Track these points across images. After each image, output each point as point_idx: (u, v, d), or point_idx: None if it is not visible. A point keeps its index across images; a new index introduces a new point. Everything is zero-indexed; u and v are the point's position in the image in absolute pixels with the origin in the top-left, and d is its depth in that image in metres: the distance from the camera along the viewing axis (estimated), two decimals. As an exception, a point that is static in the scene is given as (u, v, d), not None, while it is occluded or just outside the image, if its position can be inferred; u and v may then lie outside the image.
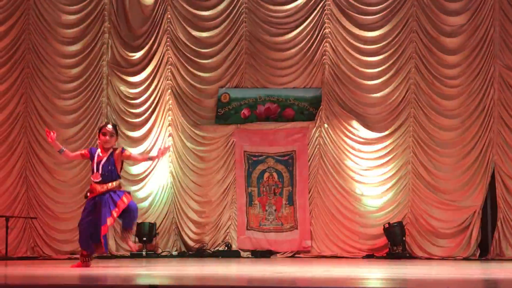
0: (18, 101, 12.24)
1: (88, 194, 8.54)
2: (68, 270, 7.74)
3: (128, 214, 8.43)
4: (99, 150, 8.47)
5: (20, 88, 12.27)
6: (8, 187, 12.06)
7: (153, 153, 8.56)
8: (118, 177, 8.51)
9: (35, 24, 12.35)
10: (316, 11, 12.65)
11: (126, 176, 12.78)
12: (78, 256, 11.97)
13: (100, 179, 8.34)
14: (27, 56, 12.32)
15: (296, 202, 12.52)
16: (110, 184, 8.39)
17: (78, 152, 8.81)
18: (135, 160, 8.92)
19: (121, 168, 8.58)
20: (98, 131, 8.60)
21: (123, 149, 8.57)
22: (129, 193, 8.59)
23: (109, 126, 8.48)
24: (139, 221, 12.41)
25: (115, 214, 8.31)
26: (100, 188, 8.37)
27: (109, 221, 8.32)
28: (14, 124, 12.18)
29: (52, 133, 8.45)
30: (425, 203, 12.00)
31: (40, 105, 12.36)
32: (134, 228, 8.69)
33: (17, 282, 5.78)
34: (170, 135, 13.01)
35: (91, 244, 8.42)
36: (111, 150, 8.43)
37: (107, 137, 8.38)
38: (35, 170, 12.27)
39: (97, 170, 8.37)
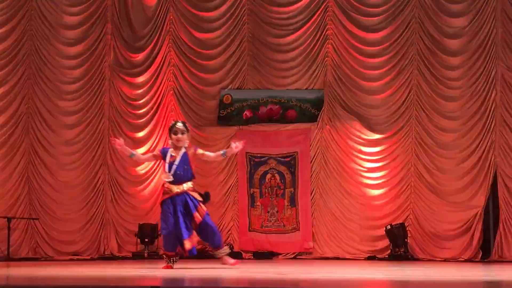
0: (20, 102, 12.25)
1: (163, 195, 8.15)
2: (70, 271, 7.74)
3: (208, 231, 8.16)
4: (171, 150, 8.15)
5: (22, 89, 12.27)
6: (10, 188, 12.06)
7: (223, 149, 8.22)
8: (192, 176, 8.22)
9: (37, 25, 12.35)
10: (318, 13, 12.65)
11: (128, 176, 12.80)
12: (79, 257, 12.03)
13: (172, 179, 8.03)
14: (29, 57, 12.32)
15: (298, 203, 12.52)
16: (185, 184, 8.12)
17: (149, 154, 8.62)
18: (208, 159, 8.65)
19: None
20: (168, 131, 8.27)
21: (196, 148, 8.29)
22: (203, 203, 8.23)
23: (179, 124, 8.20)
24: (141, 222, 12.43)
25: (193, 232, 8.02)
26: (176, 189, 8.07)
27: (189, 242, 8.01)
28: (16, 125, 12.19)
29: (119, 139, 8.27)
30: (427, 204, 11.99)
31: (42, 106, 12.37)
32: (221, 241, 8.34)
33: (19, 283, 5.78)
34: (172, 136, 13.01)
35: (178, 246, 8.11)
36: (183, 149, 8.15)
37: (179, 135, 8.12)
38: (37, 171, 12.28)
39: (169, 170, 8.05)
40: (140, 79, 12.99)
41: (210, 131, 12.93)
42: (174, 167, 8.05)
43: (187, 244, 8.02)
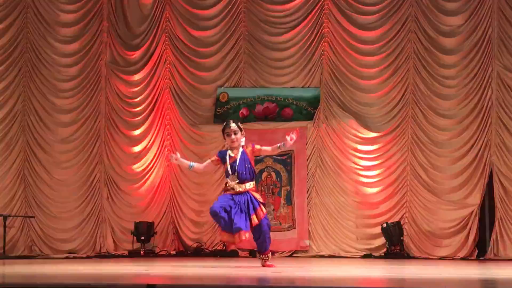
0: (16, 100, 12.23)
1: (225, 192, 8.08)
2: (67, 269, 7.73)
3: (260, 236, 7.99)
4: (229, 152, 8.07)
5: (18, 87, 12.25)
6: (6, 186, 12.04)
7: (280, 143, 8.12)
8: (254, 176, 8.12)
9: (33, 22, 12.33)
10: (314, 11, 12.65)
11: (124, 174, 12.80)
12: (76, 255, 12.02)
13: (238, 180, 7.95)
14: (25, 55, 12.30)
15: (294, 201, 12.52)
16: (248, 184, 8.00)
17: (207, 161, 8.31)
18: (266, 154, 8.65)
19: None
20: (222, 132, 8.16)
21: (253, 145, 8.16)
22: (264, 204, 8.07)
23: (232, 125, 8.04)
24: (137, 220, 12.43)
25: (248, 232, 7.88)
26: (238, 188, 7.98)
27: (243, 235, 7.82)
28: (12, 123, 12.17)
29: (175, 154, 8.20)
30: (423, 203, 12.01)
31: (38, 104, 12.35)
32: (268, 247, 8.12)
33: (15, 281, 5.78)
34: (168, 134, 13.02)
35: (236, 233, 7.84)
36: (241, 148, 8.06)
37: (232, 136, 8.02)
38: (33, 169, 12.26)
39: (233, 172, 7.97)
40: (136, 77, 12.98)
41: (207, 129, 12.92)
42: (235, 167, 7.98)
43: (243, 236, 7.83)
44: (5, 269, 8.22)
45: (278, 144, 8.19)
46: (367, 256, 11.92)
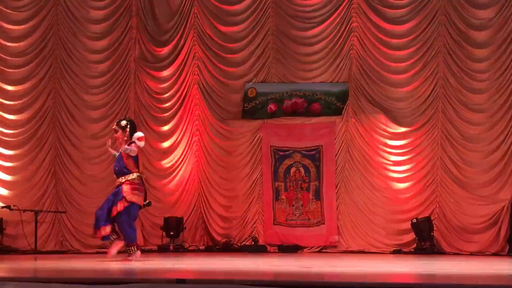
0: (47, 97, 12.35)
1: None
2: (97, 264, 7.79)
3: (119, 227, 9.05)
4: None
5: (49, 83, 12.37)
6: (37, 181, 12.17)
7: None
8: (128, 171, 9.12)
9: (63, 19, 12.44)
10: (343, 5, 12.58)
11: (153, 170, 12.85)
12: (106, 250, 12.09)
13: (115, 175, 9.26)
14: (56, 51, 12.41)
15: (323, 197, 12.49)
16: (121, 178, 9.09)
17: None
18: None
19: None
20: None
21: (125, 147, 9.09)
22: (126, 199, 9.00)
23: (115, 124, 9.20)
24: (166, 215, 12.49)
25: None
26: (117, 182, 9.16)
27: (103, 230, 9.00)
28: (43, 119, 12.29)
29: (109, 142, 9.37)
30: (453, 198, 11.91)
31: (68, 100, 12.46)
32: (129, 241, 9.03)
33: (46, 275, 5.84)
34: (197, 130, 13.06)
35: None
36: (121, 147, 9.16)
37: (114, 134, 9.17)
38: (63, 165, 12.37)
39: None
40: (165, 73, 13.03)
41: (235, 125, 12.94)
42: (115, 162, 9.14)
43: (101, 231, 8.95)
44: (36, 264, 8.31)
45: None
46: (397, 251, 11.85)
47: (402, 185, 12.23)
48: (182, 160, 12.95)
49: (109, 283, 4.82)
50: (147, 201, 9.15)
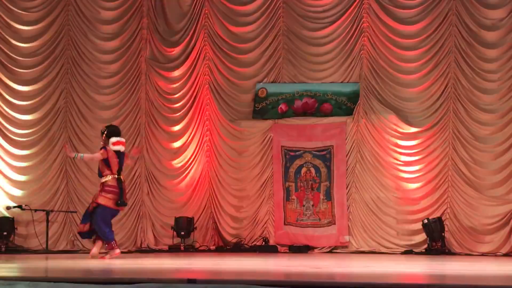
0: (58, 97, 12.40)
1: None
2: (108, 264, 7.81)
3: (91, 222, 9.85)
4: None
5: (60, 83, 12.42)
6: (49, 181, 12.22)
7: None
8: (101, 173, 9.97)
9: (74, 20, 12.48)
10: (354, 5, 12.56)
11: (164, 170, 12.87)
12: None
13: None
14: (67, 52, 12.46)
15: (333, 197, 12.48)
16: (101, 179, 10.03)
17: None
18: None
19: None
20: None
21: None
22: (102, 197, 9.87)
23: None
24: (177, 215, 12.51)
25: None
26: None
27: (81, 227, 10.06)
28: (54, 119, 12.35)
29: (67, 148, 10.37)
30: (464, 198, 11.88)
31: (79, 100, 12.50)
32: (105, 239, 9.77)
33: (57, 275, 5.86)
34: (207, 130, 13.07)
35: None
36: None
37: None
38: (75, 165, 12.41)
39: None
40: (176, 73, 13.05)
41: (246, 125, 12.94)
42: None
43: (79, 228, 10.00)
44: (48, 263, 8.35)
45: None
46: (408, 252, 11.83)
47: (413, 186, 12.20)
48: (192, 160, 12.97)
49: (120, 282, 4.83)
50: (120, 201, 9.74)
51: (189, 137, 13.00)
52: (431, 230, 11.63)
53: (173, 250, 12.19)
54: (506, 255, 11.36)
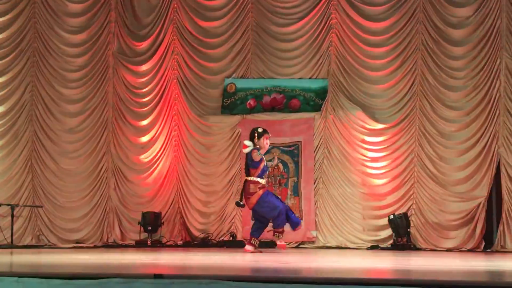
0: (24, 90, 12.25)
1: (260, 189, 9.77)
2: (74, 259, 7.76)
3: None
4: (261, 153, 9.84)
5: (26, 77, 12.28)
6: (14, 175, 12.08)
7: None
8: None
9: (41, 12, 12.34)
10: (322, 2, 12.62)
11: (131, 165, 12.82)
12: (83, 244, 12.07)
13: (267, 178, 10.35)
14: (33, 45, 12.32)
15: (301, 192, 12.52)
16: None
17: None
18: None
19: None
20: (257, 134, 9.82)
21: None
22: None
23: (269, 133, 9.90)
24: (144, 210, 12.46)
25: None
26: (266, 185, 9.98)
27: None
28: (20, 113, 12.20)
29: None
30: (430, 194, 12.00)
31: (46, 93, 12.38)
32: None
33: (22, 270, 5.80)
34: (175, 125, 13.04)
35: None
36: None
37: (268, 140, 9.87)
38: (40, 159, 12.29)
39: (266, 170, 9.97)
40: (144, 67, 12.99)
41: (214, 120, 12.93)
42: (267, 167, 10.03)
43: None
44: (12, 258, 8.26)
45: None
46: (374, 247, 11.92)
47: (379, 181, 12.29)
48: (160, 155, 12.92)
49: (86, 278, 4.80)
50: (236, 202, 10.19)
51: (157, 131, 12.95)
52: (397, 226, 11.73)
53: (140, 245, 12.14)
54: (471, 250, 11.50)
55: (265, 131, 9.81)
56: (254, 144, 9.77)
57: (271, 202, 9.70)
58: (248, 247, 9.84)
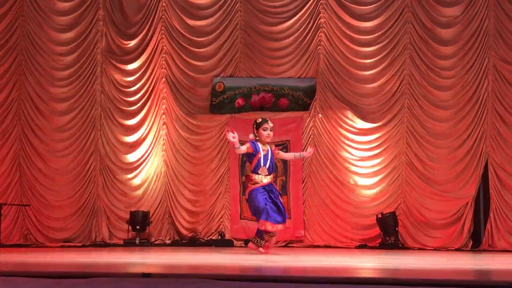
0: (12, 88, 12.21)
1: (253, 185, 8.98)
2: (62, 258, 7.73)
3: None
4: (260, 145, 8.97)
5: (14, 75, 12.23)
6: (1, 174, 12.04)
7: (298, 152, 9.91)
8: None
9: (29, 11, 12.30)
10: (311, 1, 12.63)
11: (119, 164, 12.80)
12: (71, 243, 12.03)
13: (267, 172, 8.94)
14: (21, 43, 12.27)
15: (289, 191, 12.53)
16: (272, 176, 9.02)
17: (245, 146, 8.94)
18: (283, 158, 9.98)
19: None
20: (256, 126, 9.06)
21: (274, 146, 9.24)
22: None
23: (270, 123, 9.07)
24: (132, 209, 12.44)
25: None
26: (265, 180, 8.95)
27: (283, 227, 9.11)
28: (7, 111, 12.16)
29: (233, 132, 8.76)
30: (418, 193, 12.03)
31: (33, 92, 12.33)
32: None
33: (9, 269, 5.78)
34: (164, 124, 13.01)
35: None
36: (268, 145, 9.05)
37: (269, 132, 9.02)
38: (28, 158, 12.25)
39: (264, 164, 8.93)
40: (132, 66, 12.96)
41: (202, 119, 12.92)
42: (267, 160, 8.95)
43: (276, 227, 8.90)
44: (0, 257, 8.22)
45: (295, 154, 9.66)
46: (362, 246, 11.94)
47: (367, 181, 12.32)
48: (148, 154, 12.90)
49: (74, 277, 4.79)
50: None
51: (145, 130, 12.92)
52: (385, 225, 11.76)
53: (128, 244, 12.12)
54: (458, 249, 11.54)
55: (264, 120, 9.13)
56: (256, 137, 9.19)
57: (254, 200, 8.91)
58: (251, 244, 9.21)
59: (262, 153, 8.92)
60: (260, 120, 9.17)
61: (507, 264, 7.25)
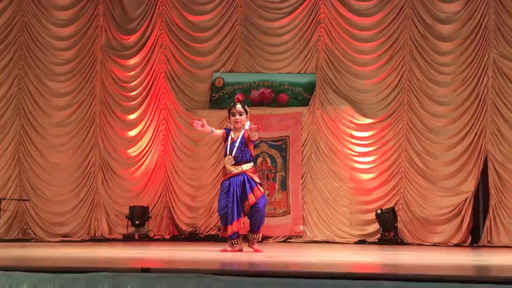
0: (12, 83, 12.19)
1: (224, 176, 8.41)
2: (61, 253, 7.74)
3: (255, 214, 8.29)
4: (231, 132, 8.33)
5: (13, 70, 12.21)
6: (1, 169, 12.02)
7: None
8: (251, 158, 8.35)
9: (28, 5, 12.28)
10: (311, -4, 12.61)
11: (119, 159, 12.79)
12: (70, 238, 12.04)
13: (233, 162, 8.26)
14: (21, 38, 12.25)
15: (289, 187, 12.54)
16: (244, 165, 8.25)
17: (220, 131, 8.47)
18: (253, 140, 8.55)
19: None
20: (227, 112, 8.44)
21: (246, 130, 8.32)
22: (261, 184, 8.36)
23: (238, 106, 8.31)
24: (132, 204, 12.44)
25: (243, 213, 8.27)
26: (234, 170, 8.26)
27: (235, 225, 8.26)
28: (7, 107, 12.14)
29: (201, 121, 8.24)
30: (417, 189, 12.04)
31: (33, 87, 12.32)
32: (260, 228, 8.53)
33: (9, 264, 5.78)
34: (163, 119, 13.01)
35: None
36: (242, 131, 8.29)
37: (237, 116, 8.27)
38: (28, 153, 12.25)
39: (230, 153, 8.26)
40: (132, 61, 12.95)
41: (202, 114, 12.87)
42: (233, 149, 8.22)
43: (232, 227, 8.28)
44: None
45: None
46: (361, 242, 11.95)
47: (367, 176, 12.32)
48: (148, 149, 12.90)
49: (73, 271, 4.80)
50: None
51: (144, 125, 12.92)
52: (384, 220, 11.77)
53: (128, 239, 12.12)
54: (457, 245, 11.56)
55: (232, 105, 8.41)
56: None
57: (218, 202, 8.48)
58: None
59: (229, 141, 8.28)
60: (231, 104, 8.54)
61: (506, 260, 7.26)
